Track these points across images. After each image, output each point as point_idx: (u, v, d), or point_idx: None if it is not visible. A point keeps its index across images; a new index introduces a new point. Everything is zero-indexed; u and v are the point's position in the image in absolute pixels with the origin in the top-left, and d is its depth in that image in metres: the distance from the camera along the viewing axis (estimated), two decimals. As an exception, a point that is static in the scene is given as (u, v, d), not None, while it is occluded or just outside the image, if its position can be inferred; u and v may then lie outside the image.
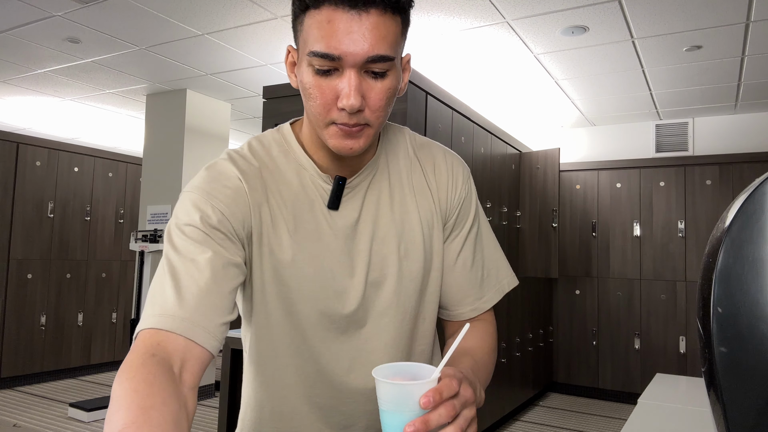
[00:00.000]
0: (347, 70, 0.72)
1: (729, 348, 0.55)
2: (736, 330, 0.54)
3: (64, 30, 3.56)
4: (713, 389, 0.57)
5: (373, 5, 0.70)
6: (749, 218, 0.55)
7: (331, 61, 0.71)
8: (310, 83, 0.74)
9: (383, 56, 0.72)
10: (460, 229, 0.92)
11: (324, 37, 0.70)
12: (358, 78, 0.72)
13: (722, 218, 0.59)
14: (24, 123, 6.13)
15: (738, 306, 0.54)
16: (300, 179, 0.83)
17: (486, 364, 0.87)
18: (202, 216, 0.76)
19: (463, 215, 0.93)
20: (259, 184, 0.81)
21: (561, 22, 3.24)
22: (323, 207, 0.83)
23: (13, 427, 3.98)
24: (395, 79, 0.76)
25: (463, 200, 0.93)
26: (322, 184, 0.83)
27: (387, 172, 0.88)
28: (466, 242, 0.93)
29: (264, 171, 0.82)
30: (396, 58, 0.74)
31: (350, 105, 0.72)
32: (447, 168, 0.92)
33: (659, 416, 1.79)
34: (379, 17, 0.70)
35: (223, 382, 2.92)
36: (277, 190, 0.82)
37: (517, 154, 4.95)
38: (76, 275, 5.57)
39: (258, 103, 5.12)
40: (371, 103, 0.74)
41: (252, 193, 0.79)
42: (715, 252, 0.57)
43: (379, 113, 0.75)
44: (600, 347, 5.23)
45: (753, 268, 0.54)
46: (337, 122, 0.74)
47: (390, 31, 0.72)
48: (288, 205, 0.82)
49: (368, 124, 0.76)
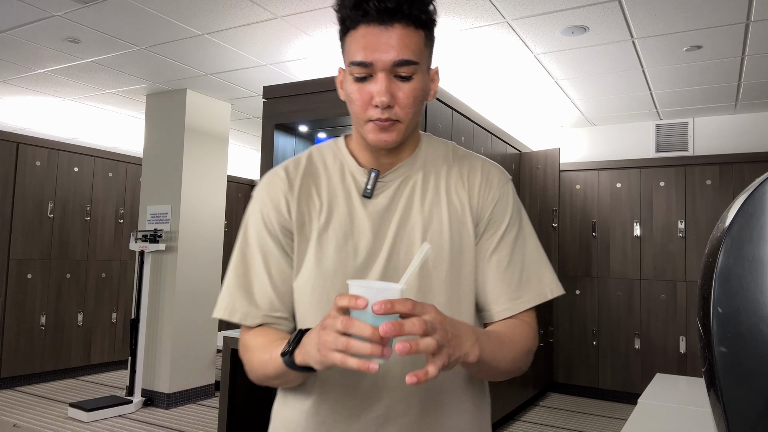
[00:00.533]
0: (378, 74, 0.88)
1: (729, 348, 0.54)
2: (736, 330, 0.54)
3: (64, 30, 3.56)
4: (713, 389, 0.56)
5: (397, 20, 0.87)
6: (749, 218, 0.55)
7: (366, 68, 0.88)
8: (351, 89, 0.92)
9: (407, 60, 0.88)
10: (494, 229, 0.99)
11: (359, 49, 0.88)
12: (388, 80, 0.88)
13: (722, 218, 0.59)
14: (24, 123, 6.13)
15: (738, 306, 0.54)
16: (341, 174, 1.00)
17: (502, 341, 0.90)
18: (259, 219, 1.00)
19: (497, 216, 0.99)
20: (302, 183, 0.99)
21: (561, 22, 3.24)
22: (358, 195, 0.98)
23: (13, 427, 3.98)
24: (421, 82, 0.91)
25: (497, 202, 1.00)
26: (359, 177, 0.99)
27: (423, 172, 1.00)
28: (501, 243, 0.99)
29: (312, 171, 1.01)
30: (420, 64, 0.90)
31: (381, 101, 0.88)
32: (483, 173, 1.02)
33: (659, 416, 1.79)
34: (403, 30, 0.87)
35: (223, 382, 2.92)
36: (319, 185, 0.99)
37: (517, 154, 4.95)
38: (76, 275, 5.57)
39: (258, 103, 5.12)
40: (400, 101, 0.90)
41: (293, 193, 0.98)
42: (715, 252, 0.57)
43: (407, 110, 0.91)
44: (600, 347, 5.23)
45: (753, 268, 0.54)
46: (372, 119, 0.90)
47: (413, 41, 0.88)
48: (325, 197, 0.98)
49: (399, 120, 0.91)
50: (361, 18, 0.88)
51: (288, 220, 0.97)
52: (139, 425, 4.15)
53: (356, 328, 0.71)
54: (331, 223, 0.96)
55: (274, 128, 3.21)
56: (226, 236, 6.66)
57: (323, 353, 0.74)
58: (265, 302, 0.96)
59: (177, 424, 4.22)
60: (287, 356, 0.83)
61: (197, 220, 4.91)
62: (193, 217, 4.87)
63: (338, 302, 0.74)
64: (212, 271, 5.06)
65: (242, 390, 2.95)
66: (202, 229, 4.95)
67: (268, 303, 0.96)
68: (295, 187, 0.99)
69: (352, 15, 0.89)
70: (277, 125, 3.22)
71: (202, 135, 4.99)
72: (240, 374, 2.95)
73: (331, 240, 0.96)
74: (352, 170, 1.00)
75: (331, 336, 0.73)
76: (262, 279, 0.97)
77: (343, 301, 0.73)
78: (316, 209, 0.98)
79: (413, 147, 1.01)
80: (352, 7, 0.88)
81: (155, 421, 4.28)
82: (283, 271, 0.97)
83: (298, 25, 3.39)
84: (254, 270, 0.97)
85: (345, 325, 0.71)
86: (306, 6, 3.13)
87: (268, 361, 0.88)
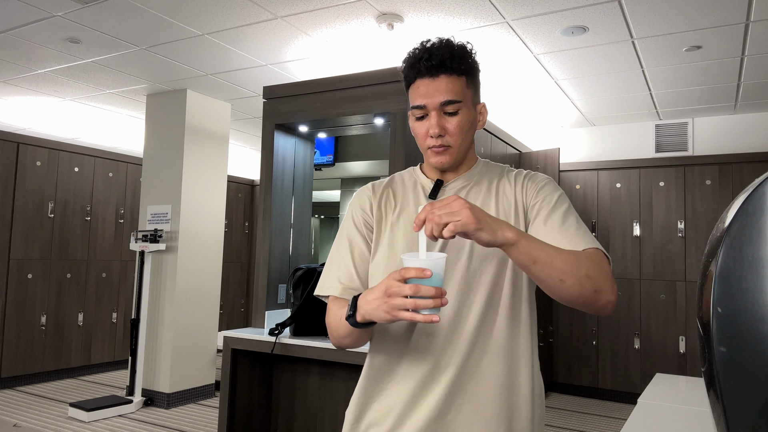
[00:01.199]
0: (431, 113, 1.16)
1: (729, 348, 0.55)
2: (736, 330, 0.54)
3: (64, 30, 3.56)
4: (713, 389, 0.57)
5: (441, 72, 1.15)
6: (749, 218, 0.55)
7: (422, 110, 1.17)
8: (414, 126, 1.21)
9: (451, 101, 1.15)
10: (546, 206, 1.17)
11: (417, 97, 1.17)
12: (438, 116, 1.16)
13: (722, 218, 0.59)
14: (24, 123, 6.13)
15: (738, 306, 0.54)
16: (414, 185, 1.29)
17: (555, 248, 1.03)
18: (350, 216, 1.30)
19: (543, 197, 1.18)
20: (383, 192, 1.29)
21: (561, 22, 3.24)
22: (425, 198, 1.25)
23: (13, 426, 3.99)
24: (466, 115, 1.18)
25: (541, 188, 1.20)
26: (427, 186, 1.27)
27: (478, 183, 1.25)
28: (553, 213, 1.15)
29: (392, 185, 1.31)
30: (464, 102, 1.17)
31: (434, 132, 1.16)
32: (527, 175, 1.25)
33: (659, 416, 1.79)
34: (447, 78, 1.15)
35: (223, 382, 2.92)
36: (396, 193, 1.29)
37: (517, 154, 4.96)
38: (76, 275, 5.57)
39: (258, 103, 5.12)
40: (449, 131, 1.17)
41: (375, 197, 1.28)
42: (715, 252, 0.57)
43: (456, 138, 1.18)
44: (600, 347, 5.23)
45: (753, 268, 0.54)
46: (430, 146, 1.19)
47: (455, 86, 1.16)
48: (400, 200, 1.27)
49: (450, 146, 1.18)
50: (416, 74, 1.17)
51: (370, 217, 1.26)
52: (140, 425, 4.15)
53: (423, 290, 0.93)
54: (401, 217, 1.24)
55: (274, 128, 3.21)
56: (227, 236, 6.67)
57: (393, 313, 0.96)
58: (346, 278, 1.21)
59: (177, 424, 4.22)
60: (351, 318, 1.06)
61: (197, 220, 4.91)
62: (193, 217, 4.87)
63: (405, 274, 0.95)
64: (212, 271, 5.06)
65: (242, 390, 2.96)
66: (202, 229, 4.95)
67: (348, 278, 1.21)
68: (377, 194, 1.28)
69: (410, 73, 1.18)
70: (277, 125, 3.22)
71: (203, 135, 4.99)
72: (240, 374, 2.95)
73: (401, 229, 1.22)
74: (422, 182, 1.29)
75: (399, 300, 0.95)
76: (347, 261, 1.23)
77: (411, 272, 0.95)
78: (392, 208, 1.26)
79: (470, 166, 1.27)
80: (409, 67, 1.18)
81: (155, 420, 4.28)
82: (363, 254, 1.23)
83: (298, 25, 3.39)
84: (341, 254, 1.25)
85: (414, 290, 0.94)
86: (306, 6, 3.13)
87: (340, 322, 1.13)
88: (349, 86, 3.00)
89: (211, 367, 5.06)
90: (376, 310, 0.99)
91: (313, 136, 3.49)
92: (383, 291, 0.98)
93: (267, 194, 3.18)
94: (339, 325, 1.14)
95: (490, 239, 0.97)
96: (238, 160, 7.56)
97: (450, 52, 1.15)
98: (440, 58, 1.13)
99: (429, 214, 0.96)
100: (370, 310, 1.01)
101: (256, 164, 7.55)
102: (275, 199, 3.18)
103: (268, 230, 3.14)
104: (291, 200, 3.32)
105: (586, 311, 1.08)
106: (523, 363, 1.18)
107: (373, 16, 3.24)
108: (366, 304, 1.02)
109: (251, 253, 7.31)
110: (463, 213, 0.95)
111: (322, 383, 2.93)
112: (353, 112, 2.99)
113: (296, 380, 3.01)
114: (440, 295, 0.94)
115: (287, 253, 3.24)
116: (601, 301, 1.03)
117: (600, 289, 1.02)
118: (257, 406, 3.02)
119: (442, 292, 0.95)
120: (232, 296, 7.05)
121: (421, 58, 1.15)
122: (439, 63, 1.14)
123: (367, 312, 1.02)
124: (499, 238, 0.97)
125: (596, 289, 1.02)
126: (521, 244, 0.99)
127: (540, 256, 1.00)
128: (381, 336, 1.22)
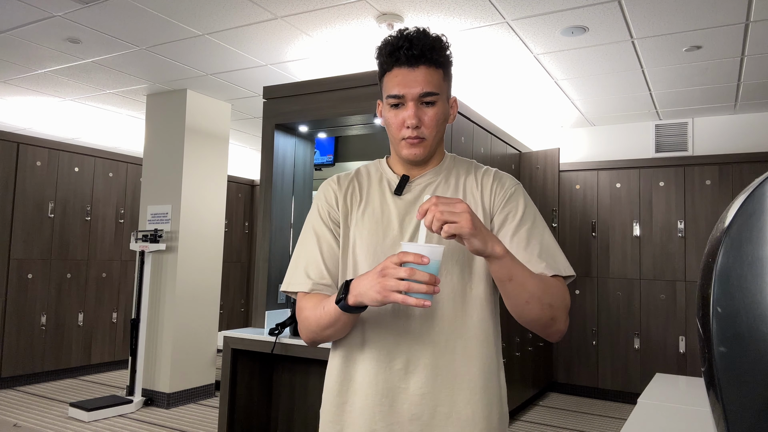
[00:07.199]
0: (409, 103, 1.15)
1: (729, 348, 0.55)
2: (736, 330, 0.54)
3: (64, 30, 3.56)
4: (713, 389, 0.57)
5: (421, 63, 1.14)
6: (749, 218, 0.55)
7: (399, 99, 1.15)
8: (388, 116, 1.19)
9: (430, 92, 1.15)
10: (511, 220, 1.19)
11: (394, 86, 1.15)
12: (415, 107, 1.15)
13: (722, 218, 0.59)
14: (24, 123, 6.13)
15: (738, 306, 0.55)
16: (379, 179, 1.28)
17: (531, 272, 1.08)
18: (315, 211, 1.29)
19: (510, 209, 1.20)
20: (348, 185, 1.28)
21: (561, 22, 3.24)
22: (390, 194, 1.24)
23: (14, 426, 3.99)
24: (441, 108, 1.18)
25: (508, 198, 1.21)
26: (393, 181, 1.26)
27: (445, 178, 1.25)
28: (519, 229, 1.17)
29: (358, 178, 1.29)
30: (440, 95, 1.16)
31: (411, 122, 1.15)
32: (495, 177, 1.25)
33: (659, 416, 1.79)
34: (426, 70, 1.14)
35: (223, 382, 2.92)
36: (361, 187, 1.27)
37: (516, 154, 4.96)
38: (76, 275, 5.57)
39: (258, 103, 5.12)
40: (425, 123, 1.16)
41: (341, 191, 1.27)
42: (715, 252, 0.57)
43: (431, 130, 1.17)
44: (600, 347, 5.23)
45: (753, 268, 0.54)
46: (405, 137, 1.18)
47: (433, 77, 1.15)
48: (365, 195, 1.26)
49: (425, 138, 1.17)
50: (394, 63, 1.15)
51: (336, 211, 1.25)
52: (140, 425, 4.15)
53: (419, 275, 0.96)
54: (366, 213, 1.23)
55: (274, 128, 3.21)
56: (227, 236, 6.67)
57: (384, 294, 0.98)
58: (316, 273, 1.21)
59: (177, 423, 4.22)
60: (342, 302, 1.06)
61: (197, 220, 4.91)
62: (193, 217, 4.87)
63: (403, 258, 0.97)
64: (212, 271, 5.06)
65: (242, 390, 2.96)
66: (202, 229, 4.95)
67: (318, 274, 1.21)
68: (343, 188, 1.27)
69: (387, 61, 1.16)
70: (277, 125, 3.22)
71: (203, 135, 4.99)
72: (240, 374, 2.96)
73: (366, 227, 1.22)
74: (388, 177, 1.27)
75: (393, 282, 0.97)
76: (315, 256, 1.22)
77: (409, 257, 0.97)
78: (357, 203, 1.25)
79: (438, 161, 1.27)
80: (388, 54, 1.16)
81: (155, 420, 4.28)
82: (331, 248, 1.23)
83: (298, 25, 3.39)
84: (309, 249, 1.23)
85: (409, 273, 0.96)
86: (306, 6, 3.13)
87: (322, 313, 1.13)
88: (349, 86, 3.01)
89: (211, 367, 5.06)
90: (368, 291, 1.01)
91: (312, 136, 3.49)
92: (378, 272, 1.00)
93: (267, 194, 3.18)
94: (320, 316, 1.13)
95: (480, 248, 1.01)
96: (238, 160, 7.56)
97: (430, 44, 1.14)
98: (421, 49, 1.13)
99: (432, 207, 0.98)
100: (363, 291, 1.02)
101: (256, 164, 7.55)
102: (275, 199, 3.18)
103: (268, 230, 3.14)
104: (291, 200, 3.32)
105: (536, 333, 1.16)
106: (496, 362, 1.24)
107: (373, 16, 3.24)
108: (359, 285, 1.04)
109: (251, 253, 7.30)
110: (463, 217, 0.98)
111: (322, 383, 2.93)
112: (353, 112, 3.00)
113: (296, 380, 3.01)
114: (434, 282, 0.97)
115: (287, 253, 3.25)
116: (553, 328, 1.11)
117: (556, 318, 1.10)
118: (257, 406, 3.02)
119: (436, 280, 0.97)
120: (232, 296, 7.04)
121: (402, 47, 1.14)
122: (420, 53, 1.13)
123: (359, 293, 1.03)
124: (488, 249, 1.01)
125: (553, 318, 1.10)
126: (505, 261, 1.03)
127: (517, 275, 1.05)
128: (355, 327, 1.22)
